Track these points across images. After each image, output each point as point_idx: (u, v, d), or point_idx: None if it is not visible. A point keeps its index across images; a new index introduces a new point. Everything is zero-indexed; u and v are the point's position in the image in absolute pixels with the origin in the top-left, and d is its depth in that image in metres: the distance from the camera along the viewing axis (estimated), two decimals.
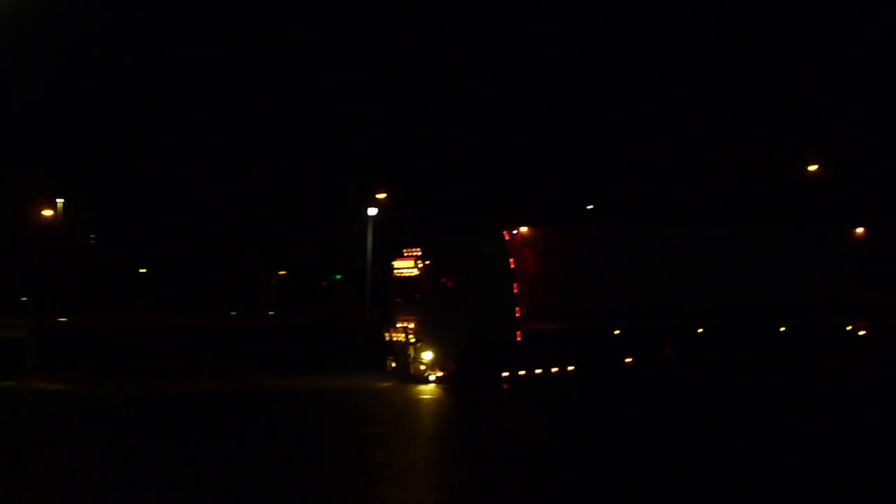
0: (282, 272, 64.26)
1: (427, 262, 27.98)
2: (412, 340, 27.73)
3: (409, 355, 27.79)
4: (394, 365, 28.86)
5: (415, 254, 28.40)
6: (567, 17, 60.54)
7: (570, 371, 27.96)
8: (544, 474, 14.99)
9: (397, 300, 28.99)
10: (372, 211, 52.54)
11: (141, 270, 63.14)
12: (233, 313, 60.04)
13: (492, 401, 25.23)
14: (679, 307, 28.43)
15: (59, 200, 55.16)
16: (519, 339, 27.50)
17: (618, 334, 28.40)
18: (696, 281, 28.44)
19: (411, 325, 27.85)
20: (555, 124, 57.83)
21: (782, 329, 29.50)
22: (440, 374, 27.34)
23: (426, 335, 27.52)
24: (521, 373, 27.62)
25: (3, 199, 54.10)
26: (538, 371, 27.73)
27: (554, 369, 27.88)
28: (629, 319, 28.20)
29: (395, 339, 28.70)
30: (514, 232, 27.97)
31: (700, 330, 28.97)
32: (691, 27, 58.51)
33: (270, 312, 61.37)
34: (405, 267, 28.73)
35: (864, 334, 30.05)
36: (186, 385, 27.28)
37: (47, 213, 54.88)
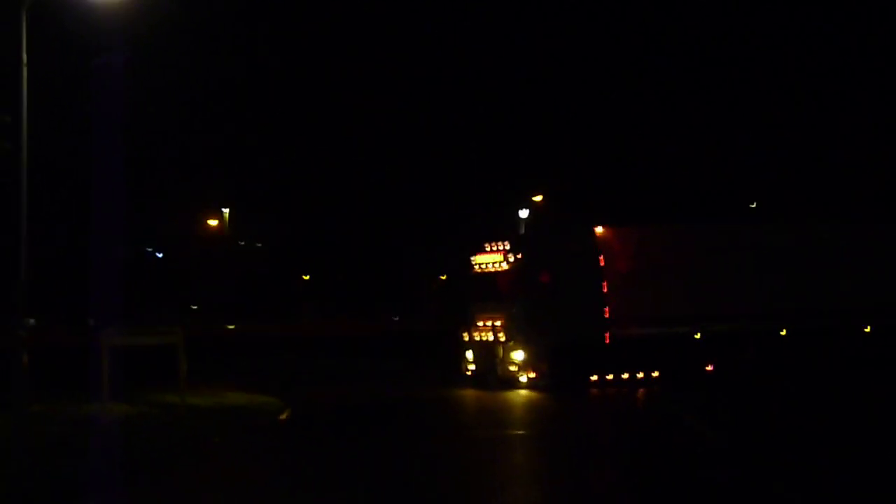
0: (443, 276, 64.44)
1: (520, 256, 26.59)
2: (502, 339, 26.42)
3: (497, 356, 26.51)
4: (472, 368, 27.65)
5: (503, 247, 26.91)
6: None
7: (655, 377, 26.99)
8: (706, 470, 14.26)
9: (479, 297, 27.48)
10: (524, 213, 52.28)
11: (304, 277, 64.85)
12: (395, 318, 60.78)
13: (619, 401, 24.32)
14: (763, 309, 27.34)
15: (226, 210, 57.54)
16: (607, 341, 26.58)
17: (701, 338, 27.29)
18: (781, 282, 27.42)
19: (498, 324, 26.52)
20: (645, 121, 56.34)
21: (867, 329, 28.20)
22: (532, 375, 26.11)
23: (518, 334, 26.16)
24: (609, 377, 26.68)
25: (171, 210, 56.78)
26: (625, 376, 26.76)
27: (640, 374, 26.91)
28: (713, 322, 27.08)
29: (476, 339, 27.35)
30: (602, 229, 27.08)
31: (783, 332, 27.85)
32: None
33: (429, 318, 61.67)
34: (490, 262, 27.22)
35: None
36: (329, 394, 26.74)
37: (213, 222, 57.34)
